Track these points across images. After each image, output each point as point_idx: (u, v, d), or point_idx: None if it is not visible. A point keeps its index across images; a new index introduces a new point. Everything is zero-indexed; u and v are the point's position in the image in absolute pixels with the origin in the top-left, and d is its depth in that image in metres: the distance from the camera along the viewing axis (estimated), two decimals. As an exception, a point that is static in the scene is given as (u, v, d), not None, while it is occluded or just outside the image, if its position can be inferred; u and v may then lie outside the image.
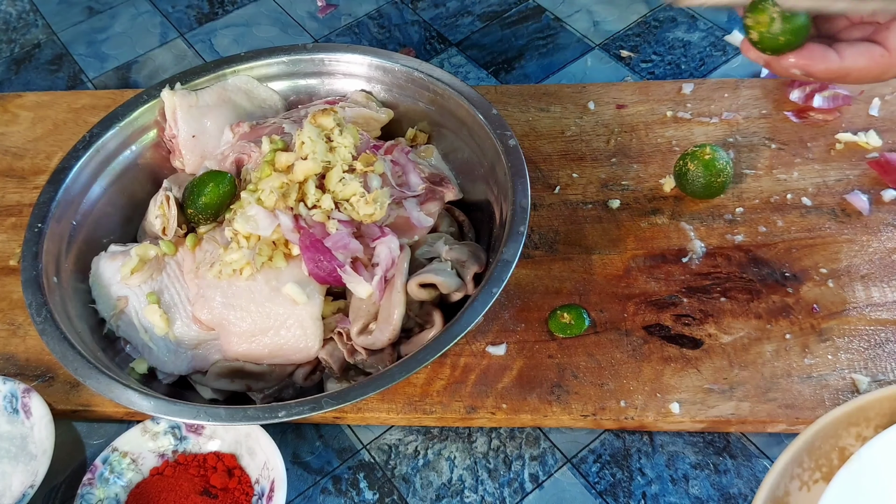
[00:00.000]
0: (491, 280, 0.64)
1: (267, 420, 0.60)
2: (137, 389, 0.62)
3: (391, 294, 0.67)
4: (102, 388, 0.62)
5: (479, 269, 0.69)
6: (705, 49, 0.93)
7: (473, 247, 0.71)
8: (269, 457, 0.64)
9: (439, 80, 0.77)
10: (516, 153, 0.71)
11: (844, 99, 0.82)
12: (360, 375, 0.68)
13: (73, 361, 0.63)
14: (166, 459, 0.67)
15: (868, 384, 0.65)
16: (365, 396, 0.60)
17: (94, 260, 0.72)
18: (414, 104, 0.80)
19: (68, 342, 0.65)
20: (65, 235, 0.73)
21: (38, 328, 0.65)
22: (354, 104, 0.79)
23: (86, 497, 0.64)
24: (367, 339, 0.66)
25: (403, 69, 0.79)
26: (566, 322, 0.70)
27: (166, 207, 0.72)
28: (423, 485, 0.66)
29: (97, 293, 0.71)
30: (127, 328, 0.69)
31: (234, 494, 0.65)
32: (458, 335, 0.62)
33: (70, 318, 0.68)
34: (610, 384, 0.67)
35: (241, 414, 0.60)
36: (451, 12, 1.02)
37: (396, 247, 0.68)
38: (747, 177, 0.79)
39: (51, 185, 0.74)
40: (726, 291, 0.71)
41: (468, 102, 0.75)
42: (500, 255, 0.65)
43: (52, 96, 0.95)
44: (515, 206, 0.68)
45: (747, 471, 0.64)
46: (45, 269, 0.69)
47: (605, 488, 0.64)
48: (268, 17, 1.04)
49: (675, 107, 0.85)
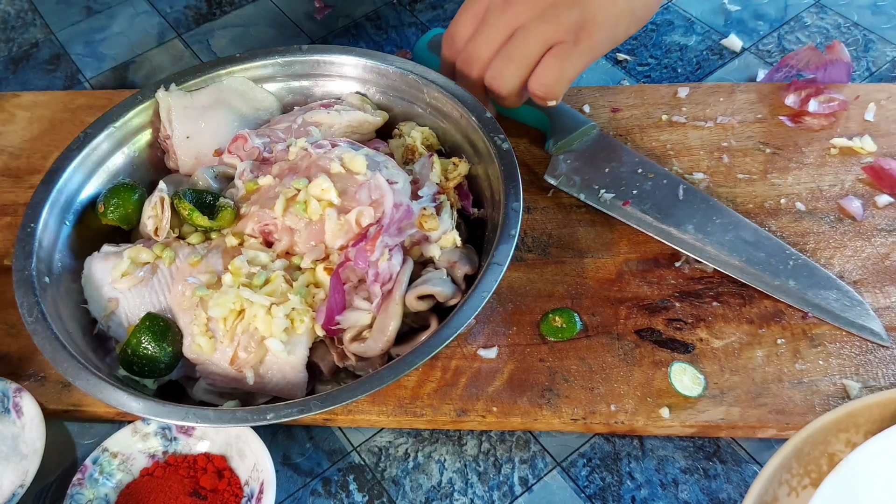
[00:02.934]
0: (482, 283, 0.64)
1: (255, 422, 0.60)
2: (127, 391, 0.62)
3: (388, 306, 0.66)
4: (92, 389, 0.62)
5: (470, 270, 0.69)
6: (702, 53, 0.93)
7: (466, 248, 0.71)
8: (259, 459, 0.64)
9: (433, 83, 0.77)
10: (509, 156, 0.71)
11: (840, 104, 0.82)
12: (349, 378, 0.67)
13: (64, 362, 0.63)
14: (156, 460, 0.67)
15: (859, 390, 0.65)
16: (354, 399, 0.60)
17: (86, 260, 0.72)
18: (409, 107, 0.80)
19: (59, 342, 0.64)
20: (58, 235, 0.73)
21: (30, 328, 0.65)
22: (349, 106, 0.79)
23: (75, 497, 0.64)
24: (360, 346, 0.66)
25: (398, 71, 0.79)
26: (558, 326, 0.70)
27: (159, 209, 0.72)
28: (412, 487, 0.66)
29: (89, 294, 0.71)
30: (118, 329, 0.69)
31: (224, 496, 0.65)
32: (448, 338, 0.62)
33: (62, 319, 0.67)
34: (601, 388, 0.67)
35: (229, 416, 0.60)
36: (449, 14, 1.02)
37: (399, 262, 0.68)
38: (741, 181, 0.78)
39: (44, 185, 0.73)
40: (718, 296, 0.71)
41: (462, 105, 0.75)
42: (492, 258, 0.65)
43: (49, 96, 0.95)
44: (507, 209, 0.68)
45: (737, 476, 0.64)
46: (38, 268, 0.69)
47: (595, 492, 0.64)
48: (265, 18, 1.04)
49: (671, 111, 0.84)
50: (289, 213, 0.68)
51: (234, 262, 0.67)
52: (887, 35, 0.92)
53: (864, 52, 0.91)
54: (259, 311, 0.64)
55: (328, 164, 0.70)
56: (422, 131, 0.77)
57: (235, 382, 0.66)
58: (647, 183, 0.77)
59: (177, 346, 0.66)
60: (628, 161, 0.78)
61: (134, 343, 0.65)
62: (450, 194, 0.73)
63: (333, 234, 0.67)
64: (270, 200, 0.70)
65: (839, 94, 0.82)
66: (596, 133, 0.81)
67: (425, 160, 0.74)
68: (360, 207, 0.67)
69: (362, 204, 0.67)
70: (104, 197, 0.74)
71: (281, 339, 0.64)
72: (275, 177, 0.72)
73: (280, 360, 0.65)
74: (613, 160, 0.79)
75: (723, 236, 0.72)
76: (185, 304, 0.67)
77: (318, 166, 0.70)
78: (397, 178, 0.70)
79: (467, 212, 0.74)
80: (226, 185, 0.76)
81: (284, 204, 0.69)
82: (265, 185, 0.71)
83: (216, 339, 0.65)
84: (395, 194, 0.68)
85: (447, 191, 0.73)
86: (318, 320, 0.65)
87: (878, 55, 0.91)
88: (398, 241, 0.68)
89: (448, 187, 0.73)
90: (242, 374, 0.65)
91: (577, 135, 0.80)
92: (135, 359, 0.65)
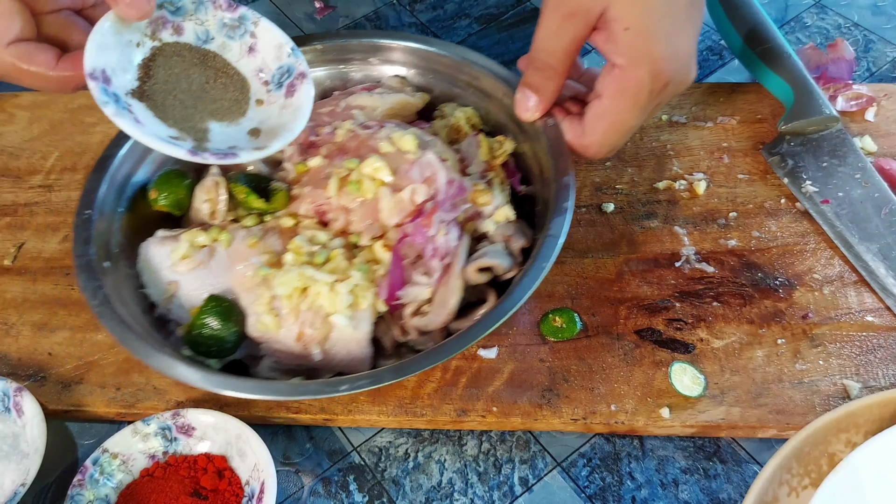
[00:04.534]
0: (540, 255, 0.64)
1: (329, 394, 0.61)
2: (199, 369, 0.63)
3: (449, 280, 0.67)
4: (165, 368, 0.63)
5: (526, 243, 0.70)
6: (702, 53, 0.93)
7: (519, 222, 0.72)
8: (260, 458, 0.64)
9: (475, 63, 0.78)
10: (555, 131, 0.71)
11: (868, 100, 0.81)
12: (410, 353, 0.68)
13: (133, 342, 0.64)
14: (157, 461, 0.67)
15: (859, 390, 0.65)
16: (424, 368, 0.60)
17: (141, 246, 0.72)
18: (449, 88, 0.81)
19: (126, 324, 0.65)
20: (112, 222, 0.73)
21: (96, 311, 0.65)
22: (390, 90, 0.80)
23: (75, 498, 0.64)
24: (421, 320, 0.67)
25: (439, 53, 0.80)
26: (558, 326, 0.70)
27: (215, 192, 0.73)
28: (412, 487, 0.66)
29: (147, 278, 0.71)
30: (179, 312, 0.70)
31: (225, 496, 0.65)
32: (509, 310, 0.62)
33: (124, 302, 0.68)
34: (601, 388, 0.67)
35: (303, 389, 0.61)
36: (449, 14, 1.02)
37: (455, 237, 0.68)
38: (741, 181, 0.78)
39: (96, 172, 0.74)
40: (719, 296, 0.71)
41: (505, 84, 0.75)
42: (547, 231, 0.65)
43: (49, 96, 0.95)
44: (558, 183, 0.68)
45: (737, 476, 0.64)
46: (97, 254, 0.69)
47: (595, 492, 0.64)
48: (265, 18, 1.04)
49: (671, 111, 0.84)
50: (343, 192, 0.69)
51: (295, 242, 0.68)
52: (887, 35, 0.92)
53: (865, 52, 0.91)
54: (323, 289, 0.65)
55: (378, 144, 0.70)
56: (465, 111, 0.78)
57: (300, 359, 0.67)
58: (857, 189, 0.75)
59: (241, 325, 0.67)
60: (852, 163, 0.77)
61: (199, 324, 0.66)
62: (497, 171, 0.74)
63: (388, 212, 0.68)
64: (323, 181, 0.71)
65: (866, 90, 0.82)
66: (836, 128, 0.79)
67: (472, 139, 0.75)
68: (414, 185, 0.68)
69: (415, 181, 0.68)
70: (156, 183, 0.74)
71: (346, 315, 0.65)
72: (324, 157, 0.73)
73: (345, 335, 0.65)
74: (837, 157, 0.77)
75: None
76: (247, 284, 0.68)
77: (367, 146, 0.71)
78: (447, 156, 0.71)
79: (515, 189, 0.75)
80: (274, 169, 0.76)
81: (338, 184, 0.70)
82: (315, 167, 0.72)
83: (281, 318, 0.66)
84: (446, 171, 0.69)
85: (494, 168, 0.74)
86: (381, 296, 0.66)
87: (879, 55, 0.91)
88: (453, 216, 0.69)
89: (495, 165, 0.74)
90: (308, 351, 0.66)
91: (815, 121, 0.78)
92: (201, 339, 0.66)
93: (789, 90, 0.80)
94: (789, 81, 0.80)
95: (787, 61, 0.81)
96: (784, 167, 0.77)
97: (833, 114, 0.78)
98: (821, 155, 0.78)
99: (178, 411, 0.67)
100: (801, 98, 0.79)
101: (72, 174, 0.87)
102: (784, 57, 0.81)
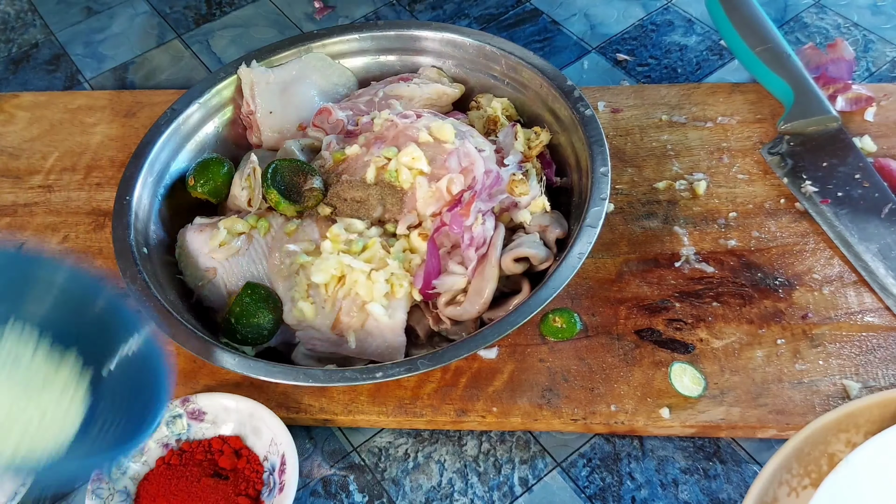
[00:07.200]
0: (576, 244, 0.65)
1: (364, 381, 0.61)
2: (241, 356, 0.63)
3: (485, 270, 0.67)
4: (204, 354, 0.63)
5: (561, 234, 0.70)
6: (702, 53, 0.93)
7: (554, 213, 0.72)
8: (276, 433, 0.65)
9: (511, 54, 0.78)
10: (593, 122, 0.71)
11: (867, 100, 0.82)
12: (443, 342, 0.68)
13: (173, 327, 0.64)
14: (171, 448, 0.67)
15: (859, 390, 0.65)
16: (460, 357, 0.61)
17: (179, 232, 0.73)
18: (485, 78, 0.81)
19: (166, 309, 0.65)
20: (151, 208, 0.73)
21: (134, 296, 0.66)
22: (427, 80, 0.80)
23: (96, 492, 0.64)
24: (456, 310, 0.67)
25: (475, 44, 0.80)
26: (558, 326, 0.70)
27: (253, 179, 0.73)
28: (412, 488, 0.66)
29: (185, 264, 0.72)
30: (215, 298, 0.70)
31: (245, 473, 0.65)
32: (547, 298, 0.62)
33: (163, 287, 0.68)
34: (601, 388, 0.67)
35: (338, 375, 0.61)
36: (449, 14, 1.02)
37: (492, 226, 0.69)
38: (741, 181, 0.78)
39: (135, 158, 0.75)
40: (719, 296, 0.71)
41: (542, 75, 0.76)
42: (584, 221, 0.66)
43: (49, 96, 0.95)
44: (595, 173, 0.68)
45: (737, 476, 0.64)
46: (136, 239, 0.70)
47: (595, 492, 0.64)
48: (265, 18, 1.04)
49: (671, 111, 0.84)
50: (380, 181, 0.70)
51: (333, 230, 0.68)
52: (887, 35, 0.92)
53: (864, 52, 0.91)
54: (360, 277, 0.66)
55: (416, 134, 0.71)
56: (501, 102, 0.79)
57: (335, 347, 0.67)
58: (857, 190, 0.75)
59: (277, 312, 0.68)
60: (852, 163, 0.77)
61: (237, 312, 0.66)
62: (533, 162, 0.74)
63: (425, 202, 0.68)
64: (360, 170, 0.71)
65: (866, 90, 0.82)
66: (835, 127, 0.79)
67: (509, 129, 0.75)
68: (451, 175, 0.68)
69: (452, 171, 0.68)
70: (194, 171, 0.75)
71: (382, 303, 0.65)
72: (361, 146, 0.73)
73: (381, 323, 0.66)
74: (836, 157, 0.77)
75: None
76: (284, 272, 0.68)
77: (405, 136, 0.71)
78: (484, 147, 0.71)
79: (550, 180, 0.75)
80: (312, 157, 0.77)
81: (376, 172, 0.70)
82: (353, 155, 0.73)
83: (317, 305, 0.66)
84: (484, 161, 0.69)
85: (530, 159, 0.74)
86: (416, 285, 0.66)
87: (878, 55, 0.91)
88: (490, 206, 0.69)
89: (531, 155, 0.74)
90: (343, 339, 0.66)
91: (814, 121, 0.79)
92: (238, 327, 0.66)
93: (789, 90, 0.80)
94: (789, 81, 0.80)
95: (786, 61, 0.81)
96: (784, 167, 0.77)
97: (833, 114, 0.78)
98: (820, 155, 0.78)
99: (187, 398, 0.67)
100: (800, 98, 0.79)
101: (71, 174, 0.87)
102: (784, 57, 0.81)
